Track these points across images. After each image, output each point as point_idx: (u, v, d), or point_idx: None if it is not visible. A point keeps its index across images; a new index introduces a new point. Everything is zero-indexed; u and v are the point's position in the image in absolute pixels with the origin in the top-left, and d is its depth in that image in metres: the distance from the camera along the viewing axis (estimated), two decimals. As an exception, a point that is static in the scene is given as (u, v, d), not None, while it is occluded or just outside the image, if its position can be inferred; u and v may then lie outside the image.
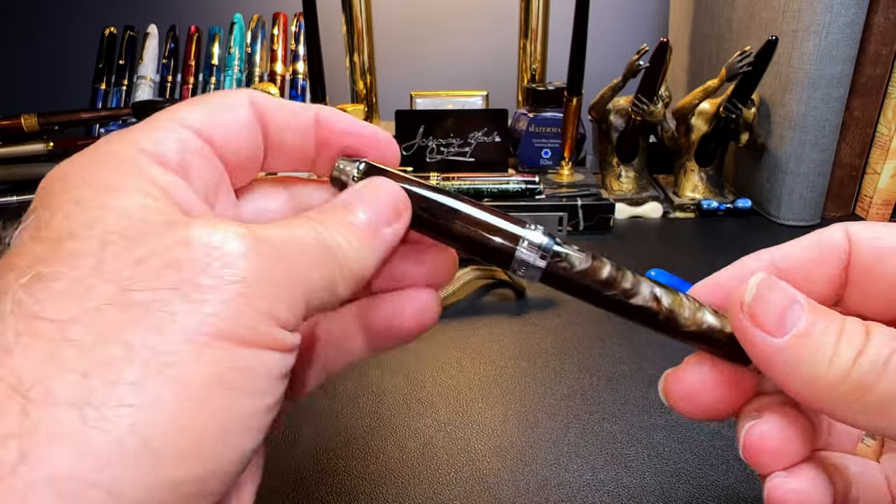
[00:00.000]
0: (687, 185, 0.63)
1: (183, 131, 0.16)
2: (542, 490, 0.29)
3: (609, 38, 0.89)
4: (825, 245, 0.19)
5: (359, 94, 0.76)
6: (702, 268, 0.49)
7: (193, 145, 0.16)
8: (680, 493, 0.28)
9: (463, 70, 0.92)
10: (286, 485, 0.29)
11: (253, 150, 0.18)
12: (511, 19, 0.76)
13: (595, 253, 0.19)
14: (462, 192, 0.56)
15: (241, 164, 0.18)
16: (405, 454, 0.31)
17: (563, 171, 0.63)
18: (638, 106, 0.60)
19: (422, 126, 0.63)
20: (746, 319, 0.17)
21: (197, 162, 0.16)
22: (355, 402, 0.35)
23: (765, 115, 0.60)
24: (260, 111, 0.18)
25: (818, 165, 0.57)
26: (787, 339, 0.16)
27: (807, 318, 0.16)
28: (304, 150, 0.19)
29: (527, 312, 0.44)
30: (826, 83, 0.54)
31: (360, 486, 0.29)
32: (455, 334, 0.41)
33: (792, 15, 0.54)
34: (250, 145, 0.18)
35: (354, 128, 0.19)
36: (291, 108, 0.19)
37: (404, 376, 0.37)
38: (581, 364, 0.38)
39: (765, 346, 0.16)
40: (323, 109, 0.19)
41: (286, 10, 0.83)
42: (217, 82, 0.81)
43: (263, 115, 0.18)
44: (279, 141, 0.19)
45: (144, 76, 0.81)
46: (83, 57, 0.89)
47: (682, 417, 0.33)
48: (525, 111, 0.67)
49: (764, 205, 0.61)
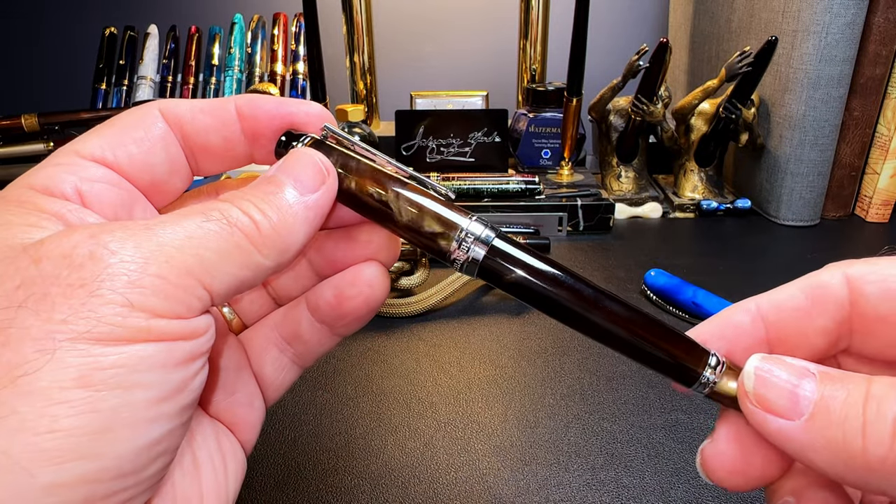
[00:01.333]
0: (686, 185, 0.63)
1: (80, 161, 0.16)
2: (542, 490, 0.29)
3: (609, 38, 0.89)
4: (820, 295, 0.16)
5: (359, 94, 0.76)
6: (701, 268, 0.49)
7: (91, 173, 0.16)
8: (680, 493, 0.28)
9: (463, 70, 0.92)
10: (286, 484, 0.29)
11: (169, 164, 0.18)
12: (511, 19, 0.76)
13: None
14: (462, 193, 0.56)
15: (159, 179, 0.18)
16: (405, 454, 0.31)
17: (563, 171, 0.63)
18: (638, 106, 0.60)
19: (422, 126, 0.63)
20: (755, 406, 0.15)
21: (97, 188, 0.16)
22: (355, 402, 0.35)
23: (764, 116, 0.60)
24: (174, 121, 0.18)
25: (818, 165, 0.57)
26: (804, 421, 0.14)
27: (823, 389, 0.14)
28: (233, 147, 0.19)
29: (527, 312, 0.44)
30: (826, 83, 0.54)
31: (361, 485, 0.29)
32: (455, 334, 0.41)
33: (792, 15, 0.54)
34: (164, 159, 0.18)
35: (281, 108, 0.18)
36: (208, 109, 0.18)
37: (404, 376, 0.37)
38: (581, 364, 0.38)
39: (783, 431, 0.14)
40: (240, 99, 0.18)
41: (286, 10, 0.83)
42: (217, 82, 0.81)
43: (179, 124, 0.18)
44: (204, 145, 0.18)
45: (145, 76, 0.81)
46: (83, 57, 0.89)
47: (682, 417, 0.33)
48: (525, 111, 0.67)
49: (763, 205, 0.61)
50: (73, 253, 0.14)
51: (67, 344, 0.13)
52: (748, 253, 0.53)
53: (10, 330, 0.13)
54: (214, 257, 0.15)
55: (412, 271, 0.46)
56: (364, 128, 0.65)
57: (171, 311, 0.14)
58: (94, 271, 0.13)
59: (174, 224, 0.15)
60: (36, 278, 0.13)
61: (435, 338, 0.41)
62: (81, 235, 0.14)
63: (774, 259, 0.52)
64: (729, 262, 0.51)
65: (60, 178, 0.16)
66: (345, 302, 0.19)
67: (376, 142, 0.66)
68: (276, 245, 0.16)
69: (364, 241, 0.19)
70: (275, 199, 0.16)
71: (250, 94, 0.19)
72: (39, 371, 0.12)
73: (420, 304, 0.43)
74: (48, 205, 0.15)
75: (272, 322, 0.21)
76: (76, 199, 0.16)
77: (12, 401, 0.12)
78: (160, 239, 0.14)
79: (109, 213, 0.16)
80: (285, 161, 0.17)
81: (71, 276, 0.13)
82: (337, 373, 0.37)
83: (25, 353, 0.12)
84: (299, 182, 0.17)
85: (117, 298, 0.13)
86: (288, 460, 0.31)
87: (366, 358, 0.39)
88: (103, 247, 0.14)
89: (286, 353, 0.21)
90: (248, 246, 0.15)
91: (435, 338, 0.41)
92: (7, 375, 0.12)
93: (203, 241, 0.15)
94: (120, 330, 0.13)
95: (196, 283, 0.15)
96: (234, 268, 0.15)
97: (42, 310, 0.13)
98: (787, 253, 0.53)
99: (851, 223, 0.59)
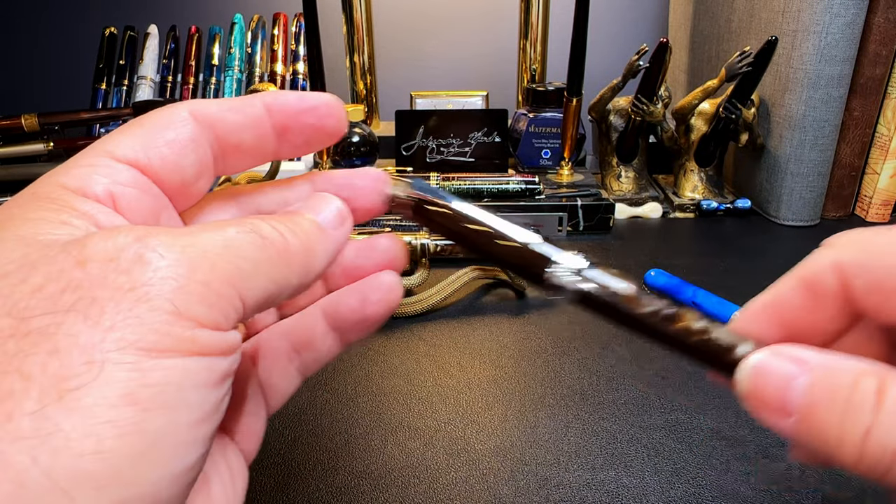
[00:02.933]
0: (686, 185, 0.63)
1: (112, 163, 0.16)
2: (542, 490, 0.29)
3: (609, 38, 0.89)
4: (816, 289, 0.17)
5: (359, 94, 0.76)
6: (701, 268, 0.49)
7: (124, 177, 0.16)
8: (680, 493, 0.28)
9: (463, 70, 0.92)
10: (286, 484, 0.29)
11: (198, 165, 0.18)
12: (511, 19, 0.76)
13: None
14: (462, 193, 0.56)
15: (188, 181, 0.18)
16: (405, 454, 0.31)
17: (563, 171, 0.63)
18: (638, 106, 0.60)
19: (422, 126, 0.63)
20: (751, 405, 0.15)
21: (128, 192, 0.16)
22: (355, 402, 0.35)
23: (764, 116, 0.60)
24: (205, 121, 0.17)
25: (818, 165, 0.57)
26: (796, 419, 0.14)
27: (811, 379, 0.14)
28: (264, 144, 0.19)
29: (527, 312, 0.44)
30: (826, 83, 0.54)
31: (360, 485, 0.29)
32: (455, 334, 0.41)
33: (792, 15, 0.54)
34: (195, 161, 0.17)
35: (305, 103, 0.19)
36: (237, 107, 0.18)
37: (404, 376, 0.37)
38: (581, 364, 0.38)
39: (783, 427, 0.15)
40: (267, 96, 0.18)
41: (286, 10, 0.83)
42: (217, 82, 0.81)
43: (210, 124, 0.18)
44: (237, 143, 0.18)
45: (145, 76, 0.81)
46: (83, 57, 0.89)
47: (682, 417, 0.33)
48: (525, 111, 0.67)
49: (763, 205, 0.61)
50: (119, 256, 0.13)
51: (115, 355, 0.12)
52: (748, 253, 0.53)
53: (57, 336, 0.12)
54: (250, 268, 0.15)
55: (412, 271, 0.46)
56: (364, 128, 0.65)
57: (213, 322, 0.14)
58: (141, 275, 0.13)
59: (213, 231, 0.15)
60: (83, 281, 0.13)
61: (435, 338, 0.41)
62: (127, 238, 0.13)
63: (774, 259, 0.52)
64: (729, 262, 0.51)
65: (93, 180, 0.15)
66: (368, 307, 0.20)
67: (376, 142, 0.66)
68: (303, 263, 0.16)
69: (383, 250, 0.21)
70: (301, 222, 0.17)
71: (274, 90, 0.19)
72: (87, 386, 0.12)
73: (420, 304, 0.43)
74: (80, 205, 0.15)
75: (280, 331, 0.21)
76: (108, 202, 0.16)
77: (58, 416, 0.12)
78: (203, 245, 0.14)
79: (139, 219, 0.16)
80: (310, 200, 0.18)
81: (119, 280, 0.13)
82: (337, 373, 0.37)
83: (73, 365, 0.12)
84: (323, 218, 0.18)
85: (165, 305, 0.13)
86: (288, 460, 0.31)
87: (366, 358, 0.39)
88: (151, 250, 0.13)
89: (293, 362, 0.21)
90: (279, 260, 0.16)
91: (435, 338, 0.41)
92: (55, 388, 0.12)
93: (240, 250, 0.15)
94: (167, 339, 0.13)
95: (235, 293, 0.14)
96: (266, 281, 0.15)
97: (91, 315, 0.12)
98: (787, 253, 0.53)
99: (851, 223, 0.59)
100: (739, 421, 0.33)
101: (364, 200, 0.20)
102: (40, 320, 0.12)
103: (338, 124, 0.19)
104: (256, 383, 0.20)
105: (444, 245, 0.48)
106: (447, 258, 0.49)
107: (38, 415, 0.11)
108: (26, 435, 0.11)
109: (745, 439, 0.31)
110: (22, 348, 0.12)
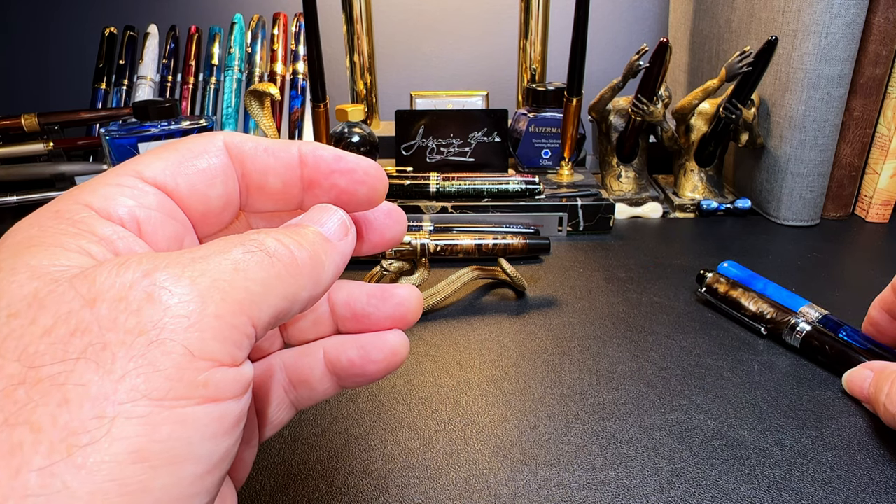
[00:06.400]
0: (686, 185, 0.63)
1: (140, 184, 0.16)
2: (542, 490, 0.29)
3: (609, 38, 0.89)
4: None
5: (359, 94, 0.76)
6: (702, 268, 0.49)
7: (150, 200, 0.16)
8: (680, 493, 0.28)
9: (463, 70, 0.92)
10: (286, 484, 0.29)
11: (225, 197, 0.17)
12: (511, 19, 0.76)
13: None
14: (462, 193, 0.56)
15: (212, 212, 0.17)
16: (405, 454, 0.31)
17: (563, 171, 0.63)
18: (638, 106, 0.60)
19: (422, 126, 0.63)
20: None
21: (153, 216, 0.16)
22: (355, 402, 0.35)
23: (764, 115, 0.60)
24: (237, 156, 0.17)
25: (818, 165, 0.57)
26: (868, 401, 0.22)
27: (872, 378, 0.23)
28: (289, 191, 0.18)
29: (527, 312, 0.44)
30: (826, 83, 0.54)
31: (360, 485, 0.29)
32: (455, 334, 0.41)
33: (792, 15, 0.54)
34: (222, 193, 0.17)
35: (341, 164, 0.18)
36: (273, 151, 0.18)
37: (404, 376, 0.37)
38: (581, 364, 0.38)
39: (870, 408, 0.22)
40: (305, 146, 0.18)
41: (286, 10, 0.83)
42: (217, 82, 0.81)
43: (241, 160, 0.17)
44: (261, 184, 0.18)
45: (144, 76, 0.81)
46: (83, 57, 0.89)
47: (682, 417, 0.33)
48: (525, 111, 0.67)
49: (763, 205, 0.61)
50: (128, 295, 0.13)
51: (127, 408, 0.12)
52: (748, 253, 0.53)
53: (67, 386, 0.12)
54: (260, 290, 0.14)
55: (412, 271, 0.46)
56: (364, 128, 0.65)
57: (229, 356, 0.13)
58: (152, 315, 0.13)
59: (219, 255, 0.14)
60: (92, 324, 0.12)
61: (435, 338, 0.41)
62: (134, 274, 0.13)
63: (774, 259, 0.52)
64: (729, 262, 0.51)
65: (118, 202, 0.15)
66: (368, 364, 0.20)
67: (376, 142, 0.66)
68: (311, 276, 0.16)
69: (397, 303, 0.20)
70: (307, 234, 0.16)
71: (313, 143, 0.18)
72: (97, 443, 0.12)
73: (420, 304, 0.43)
74: (101, 228, 0.15)
75: (280, 363, 0.21)
76: (132, 226, 0.15)
77: (66, 475, 0.11)
78: (212, 273, 0.14)
79: (162, 243, 0.16)
80: (312, 212, 0.18)
81: (129, 322, 0.12)
82: (337, 373, 0.37)
83: (83, 419, 0.12)
84: (327, 229, 0.17)
85: (177, 348, 0.13)
86: (288, 460, 0.31)
87: (366, 358, 0.39)
88: (160, 287, 0.13)
89: (289, 395, 0.21)
90: (288, 276, 0.15)
91: (435, 338, 0.41)
92: (64, 443, 0.11)
93: (248, 273, 0.14)
94: (180, 386, 0.12)
95: (247, 319, 0.14)
96: (276, 299, 0.15)
97: (102, 362, 0.12)
98: (788, 253, 0.53)
99: (851, 223, 0.59)
100: (739, 421, 0.33)
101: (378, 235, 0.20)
102: (50, 369, 0.12)
103: (370, 193, 0.18)
104: (253, 412, 0.20)
105: (444, 245, 0.48)
106: (447, 258, 0.49)
107: (46, 472, 0.11)
108: (33, 493, 0.11)
109: (745, 439, 0.31)
110: (32, 398, 0.12)
